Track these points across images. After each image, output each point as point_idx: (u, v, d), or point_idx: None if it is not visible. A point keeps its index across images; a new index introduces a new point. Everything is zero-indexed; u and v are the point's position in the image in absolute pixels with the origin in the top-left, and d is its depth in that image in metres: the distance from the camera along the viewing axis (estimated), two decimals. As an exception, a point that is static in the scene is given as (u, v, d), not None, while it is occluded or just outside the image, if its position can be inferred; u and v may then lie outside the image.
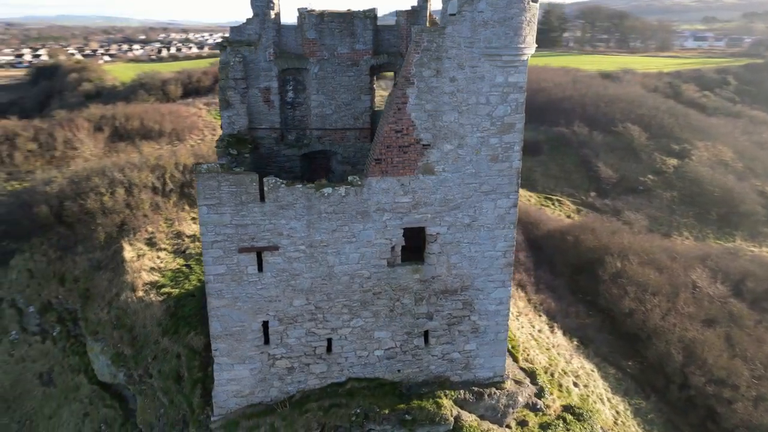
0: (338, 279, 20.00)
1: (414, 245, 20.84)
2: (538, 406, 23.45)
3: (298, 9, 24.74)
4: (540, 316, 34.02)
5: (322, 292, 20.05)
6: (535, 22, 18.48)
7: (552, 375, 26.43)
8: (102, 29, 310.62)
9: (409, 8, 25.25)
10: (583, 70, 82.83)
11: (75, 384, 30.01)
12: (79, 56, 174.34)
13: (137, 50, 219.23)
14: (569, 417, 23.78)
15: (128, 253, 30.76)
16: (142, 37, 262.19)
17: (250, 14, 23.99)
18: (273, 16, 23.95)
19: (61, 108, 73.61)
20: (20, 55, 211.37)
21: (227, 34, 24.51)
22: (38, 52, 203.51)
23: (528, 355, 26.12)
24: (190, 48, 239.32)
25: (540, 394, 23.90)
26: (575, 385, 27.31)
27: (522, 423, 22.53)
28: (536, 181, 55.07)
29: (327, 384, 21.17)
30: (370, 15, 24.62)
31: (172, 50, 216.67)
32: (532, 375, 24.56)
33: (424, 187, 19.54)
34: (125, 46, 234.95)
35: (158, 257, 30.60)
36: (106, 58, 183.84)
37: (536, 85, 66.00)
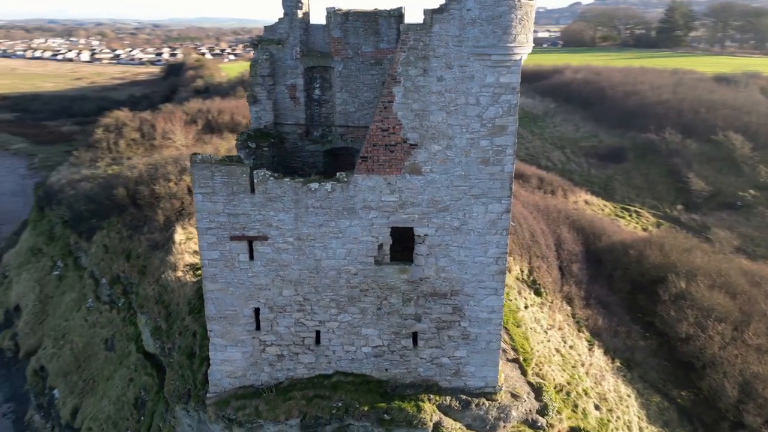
0: (325, 273, 20.42)
1: (411, 244, 20.73)
2: (539, 424, 22.32)
3: (327, 8, 25.40)
4: (580, 332, 32.14)
5: (309, 285, 20.58)
6: (529, 21, 17.66)
7: (568, 394, 25.00)
8: (233, 30, 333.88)
9: (437, 7, 24.97)
10: (697, 72, 76.27)
11: (127, 351, 33.10)
12: (208, 55, 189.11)
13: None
14: (573, 439, 22.42)
15: (179, 235, 33.30)
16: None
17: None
18: (301, 16, 24.75)
19: (178, 102, 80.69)
20: (160, 54, 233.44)
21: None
22: (175, 51, 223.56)
23: (541, 369, 24.88)
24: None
25: (543, 411, 22.72)
26: (596, 408, 25.63)
27: (515, 438, 21.60)
28: (615, 190, 51.86)
29: (315, 375, 21.68)
30: (395, 14, 24.63)
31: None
32: (538, 390, 23.39)
33: (411, 187, 19.38)
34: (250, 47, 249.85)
35: (204, 242, 32.77)
36: (231, 57, 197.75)
37: (630, 88, 62.14)
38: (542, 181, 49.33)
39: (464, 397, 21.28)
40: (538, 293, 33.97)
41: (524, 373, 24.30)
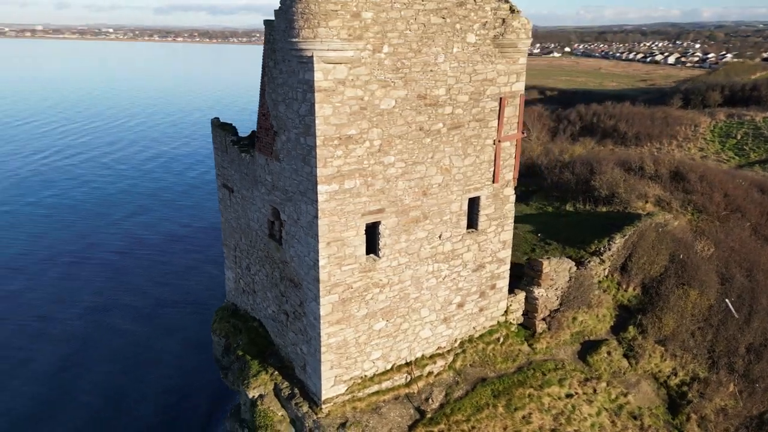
0: (250, 232, 23.92)
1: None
2: (360, 474, 19.51)
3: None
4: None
5: (247, 238, 24.53)
6: (315, 16, 16.37)
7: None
8: None
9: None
10: None
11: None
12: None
13: None
14: None
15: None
16: None
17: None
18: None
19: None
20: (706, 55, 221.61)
21: None
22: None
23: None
24: None
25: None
26: None
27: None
28: None
29: (253, 316, 25.57)
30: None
31: None
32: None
33: (276, 172, 20.59)
34: None
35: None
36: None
37: None
38: None
39: (296, 390, 21.14)
40: (672, 409, 23.84)
41: None
